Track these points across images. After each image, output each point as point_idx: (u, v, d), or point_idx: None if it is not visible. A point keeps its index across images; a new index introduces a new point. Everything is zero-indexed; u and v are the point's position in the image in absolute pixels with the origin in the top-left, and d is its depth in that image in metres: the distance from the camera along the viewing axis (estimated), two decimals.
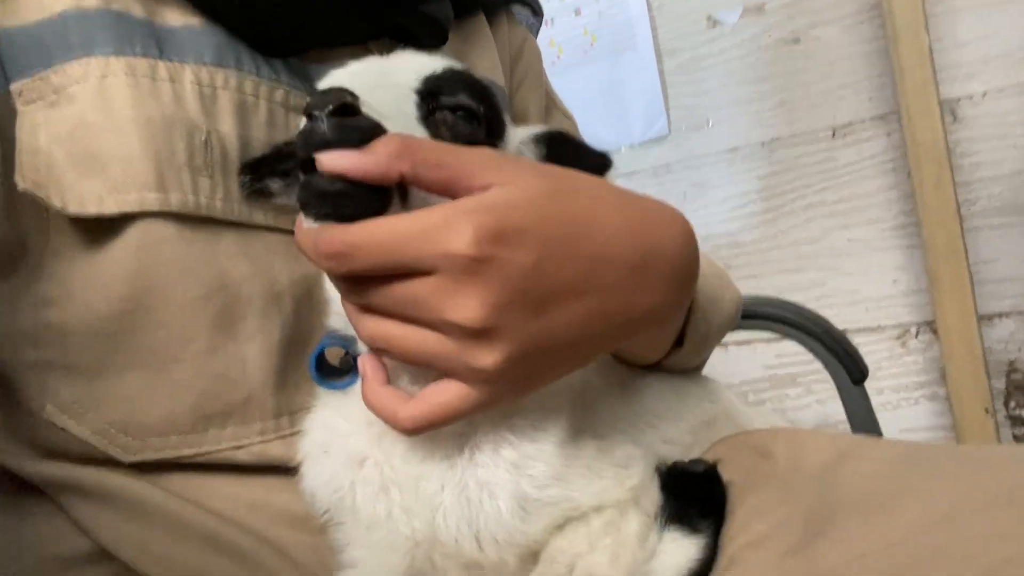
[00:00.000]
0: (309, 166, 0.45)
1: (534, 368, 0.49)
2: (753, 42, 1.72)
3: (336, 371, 0.62)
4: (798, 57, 1.68)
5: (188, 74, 0.62)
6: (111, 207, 0.57)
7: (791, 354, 1.69)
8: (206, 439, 0.61)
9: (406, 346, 0.48)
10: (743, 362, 1.75)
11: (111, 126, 0.58)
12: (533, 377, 0.50)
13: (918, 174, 1.45)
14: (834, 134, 1.64)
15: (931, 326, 1.57)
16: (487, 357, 0.46)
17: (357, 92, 0.46)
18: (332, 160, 0.43)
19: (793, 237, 1.70)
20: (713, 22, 1.75)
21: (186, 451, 0.61)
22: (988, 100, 1.50)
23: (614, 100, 1.91)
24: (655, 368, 0.74)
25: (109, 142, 0.57)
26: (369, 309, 0.49)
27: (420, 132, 0.54)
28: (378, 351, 0.52)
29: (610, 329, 0.51)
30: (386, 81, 0.54)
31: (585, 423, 0.61)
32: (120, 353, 0.60)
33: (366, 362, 0.53)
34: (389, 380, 0.52)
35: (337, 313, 0.61)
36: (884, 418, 1.14)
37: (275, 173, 0.63)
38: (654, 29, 1.83)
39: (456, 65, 0.59)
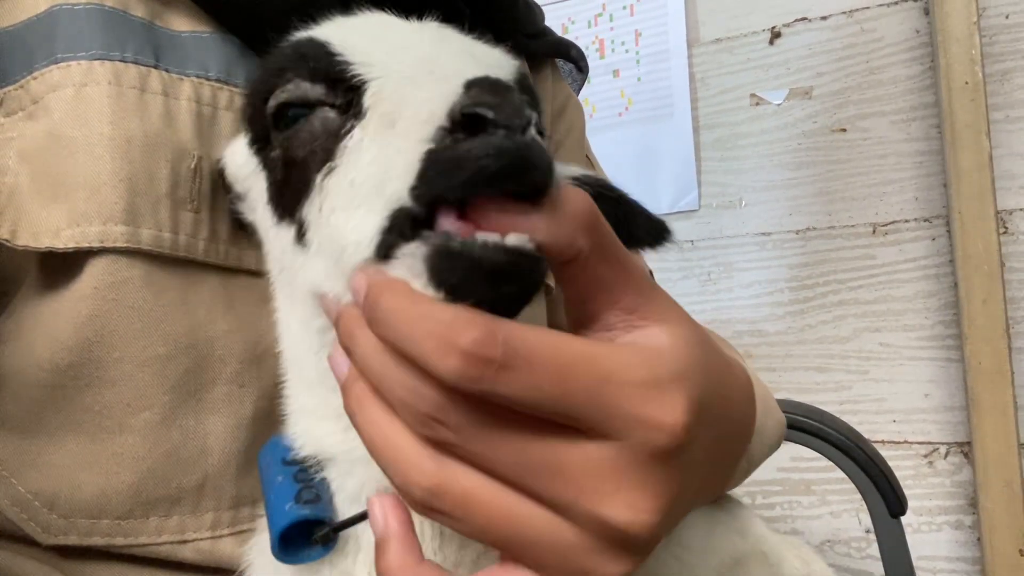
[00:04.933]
0: (429, 215, 0.29)
1: None
2: (796, 126, 1.64)
3: (304, 535, 0.44)
4: (843, 147, 1.60)
5: (187, 89, 0.53)
6: (66, 241, 0.47)
7: (807, 459, 1.56)
8: (144, 528, 0.50)
9: (493, 520, 0.32)
10: None
11: (84, 144, 0.48)
12: None
13: (966, 286, 1.36)
14: (874, 231, 1.56)
15: (963, 448, 1.46)
16: (616, 566, 0.32)
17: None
18: (525, 224, 0.29)
19: (821, 334, 1.60)
20: (757, 100, 1.68)
21: (119, 540, 0.50)
22: None
23: (644, 167, 1.84)
24: None
25: (78, 163, 0.48)
26: (446, 447, 0.32)
27: None
28: (431, 511, 0.33)
29: (686, 512, 0.40)
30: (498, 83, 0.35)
31: None
32: (59, 412, 0.50)
33: (391, 518, 0.36)
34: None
35: (312, 433, 0.44)
36: None
37: None
38: (694, 100, 1.77)
39: (520, 64, 0.45)
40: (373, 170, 0.34)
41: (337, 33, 0.41)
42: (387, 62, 0.37)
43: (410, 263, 0.31)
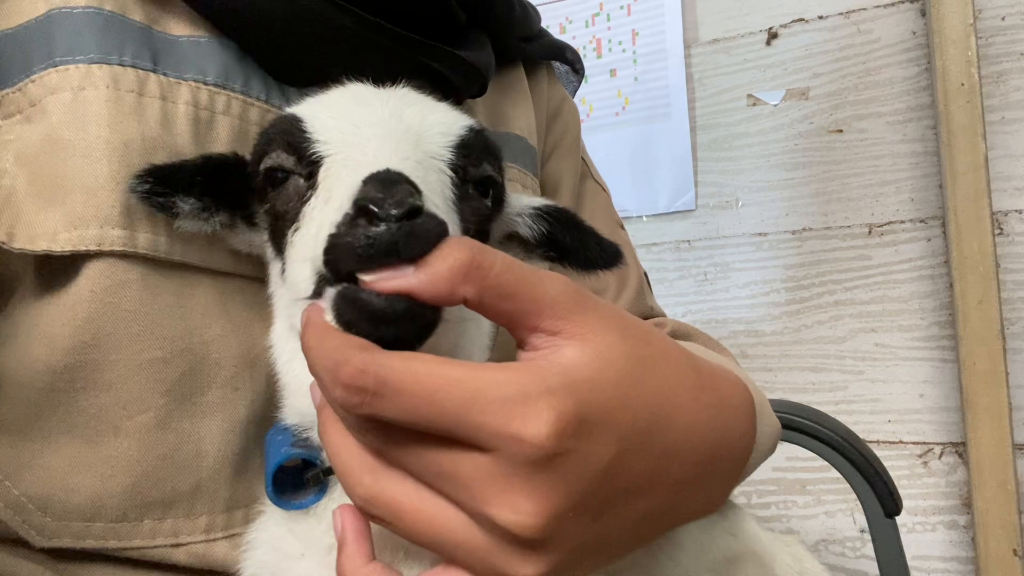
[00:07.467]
0: (346, 274, 0.36)
1: (572, 572, 0.38)
2: (793, 127, 1.65)
3: (297, 483, 0.49)
4: (839, 148, 1.60)
5: (184, 93, 0.53)
6: (63, 244, 0.47)
7: (803, 458, 1.57)
8: (138, 531, 0.51)
9: (418, 526, 0.36)
10: None
11: (81, 147, 0.48)
12: None
13: (962, 286, 1.36)
14: (870, 231, 1.56)
15: (957, 448, 1.46)
16: (526, 567, 0.35)
17: (406, 172, 0.37)
18: (394, 282, 0.35)
19: (817, 334, 1.60)
20: (754, 101, 1.69)
21: (112, 543, 0.51)
22: None
23: (642, 167, 1.84)
24: None
25: (76, 166, 0.48)
26: (383, 455, 0.37)
27: (456, 219, 0.45)
28: (372, 517, 0.39)
29: (663, 527, 0.42)
30: (421, 152, 0.45)
31: None
32: (54, 415, 0.50)
33: (346, 525, 0.41)
34: (374, 554, 0.41)
35: (296, 408, 0.50)
36: None
37: (191, 191, 0.50)
38: (691, 100, 1.77)
39: (473, 123, 0.51)
40: (311, 238, 0.43)
41: (312, 110, 0.49)
42: (341, 141, 0.45)
43: (327, 302, 0.38)
